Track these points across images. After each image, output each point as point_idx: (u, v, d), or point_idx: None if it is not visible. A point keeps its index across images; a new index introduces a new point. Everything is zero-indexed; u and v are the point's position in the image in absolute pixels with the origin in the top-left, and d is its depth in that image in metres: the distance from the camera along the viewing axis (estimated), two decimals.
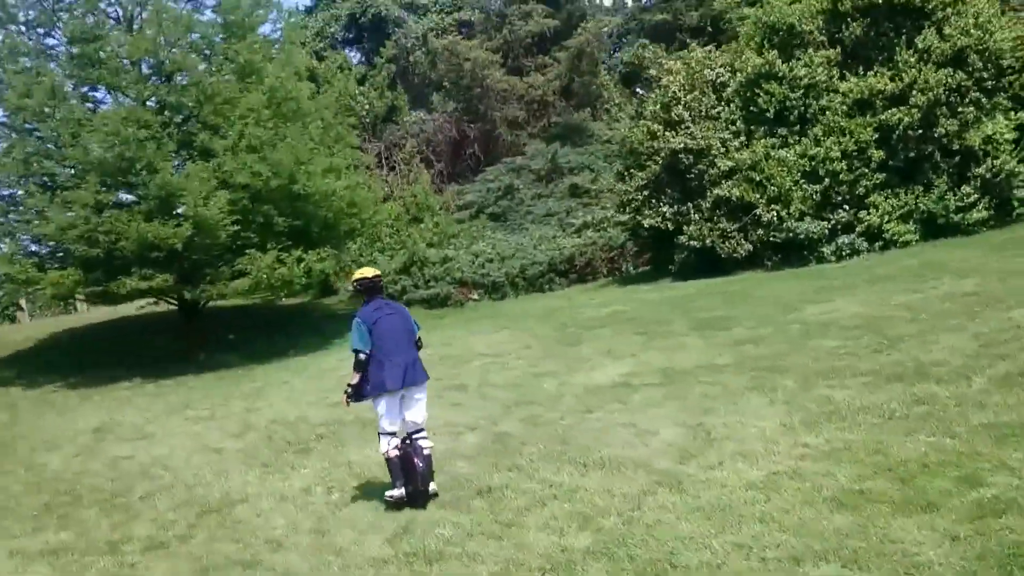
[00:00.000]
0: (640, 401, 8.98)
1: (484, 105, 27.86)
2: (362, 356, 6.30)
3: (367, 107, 26.66)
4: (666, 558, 5.14)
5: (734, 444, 7.04)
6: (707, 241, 17.45)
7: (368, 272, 6.74)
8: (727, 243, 17.36)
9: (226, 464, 9.39)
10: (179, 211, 17.18)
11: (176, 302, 20.24)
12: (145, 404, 14.62)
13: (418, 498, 6.41)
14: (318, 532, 6.70)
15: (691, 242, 17.59)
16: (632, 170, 18.86)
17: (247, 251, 17.52)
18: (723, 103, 18.18)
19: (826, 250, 16.80)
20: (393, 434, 6.45)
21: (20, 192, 18.21)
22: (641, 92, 29.94)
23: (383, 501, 6.74)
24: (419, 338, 6.71)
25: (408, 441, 6.51)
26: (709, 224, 17.56)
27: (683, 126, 17.91)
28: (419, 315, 22.51)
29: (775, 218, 16.81)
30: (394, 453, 6.38)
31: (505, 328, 15.75)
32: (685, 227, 17.84)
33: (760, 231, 16.97)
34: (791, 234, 16.72)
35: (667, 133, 18.14)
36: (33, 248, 18.52)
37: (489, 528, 6.13)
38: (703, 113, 17.94)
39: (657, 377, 9.82)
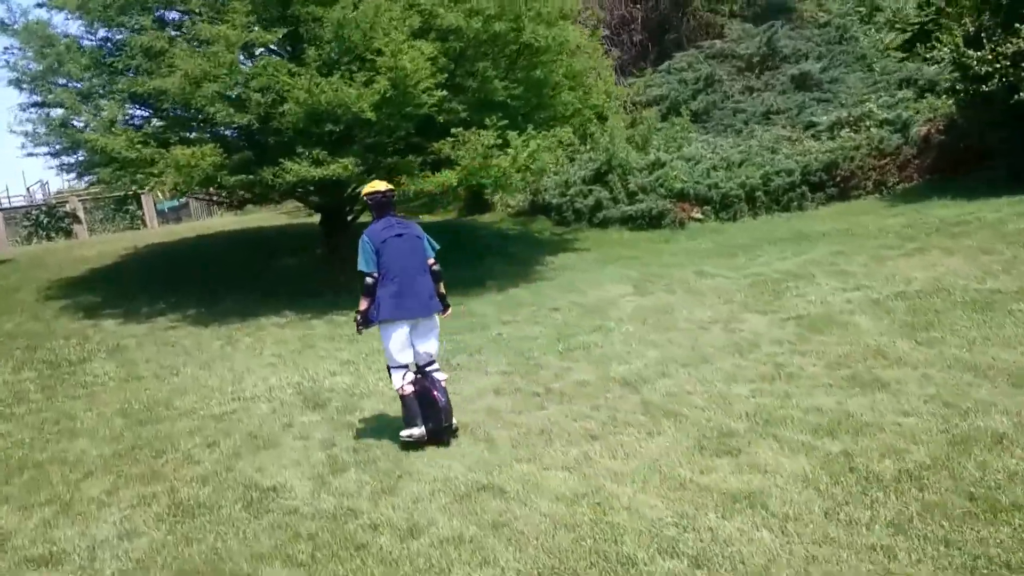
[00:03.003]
0: None
1: None
2: (369, 280, 5.59)
3: None
4: None
5: None
6: None
7: (380, 185, 5.88)
8: None
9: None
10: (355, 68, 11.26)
11: (319, 208, 14.56)
12: (344, 351, 9.02)
13: (441, 435, 5.60)
14: None
15: None
16: (1017, 24, 12.68)
17: (452, 130, 11.69)
18: None
19: None
20: (405, 367, 5.70)
21: (120, 35, 12.28)
22: None
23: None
24: (435, 263, 5.79)
25: (420, 374, 5.72)
26: None
27: None
28: (629, 239, 16.85)
29: None
30: (409, 389, 5.65)
31: (918, 250, 9.81)
32: None
33: None
34: None
35: None
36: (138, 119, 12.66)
37: None
38: None
39: None
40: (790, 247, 11.58)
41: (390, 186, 5.97)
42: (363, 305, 5.69)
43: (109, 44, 12.32)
